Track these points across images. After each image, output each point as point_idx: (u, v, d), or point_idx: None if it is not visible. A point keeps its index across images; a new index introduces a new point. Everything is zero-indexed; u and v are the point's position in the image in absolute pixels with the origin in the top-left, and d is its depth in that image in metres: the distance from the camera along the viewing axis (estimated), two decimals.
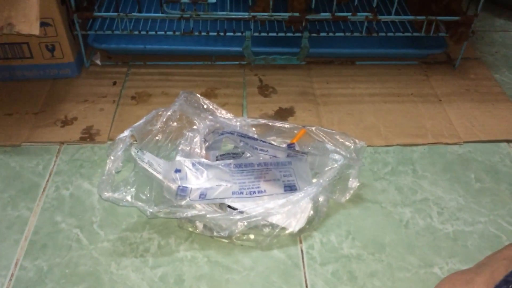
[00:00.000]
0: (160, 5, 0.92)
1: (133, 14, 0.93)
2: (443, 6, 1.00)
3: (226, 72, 1.02)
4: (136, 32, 0.97)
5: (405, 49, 1.05)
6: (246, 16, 0.94)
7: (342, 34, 0.99)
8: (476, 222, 0.74)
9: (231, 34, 0.98)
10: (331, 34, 0.99)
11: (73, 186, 0.77)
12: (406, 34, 1.00)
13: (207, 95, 0.96)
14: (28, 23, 0.77)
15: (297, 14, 0.94)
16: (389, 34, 0.99)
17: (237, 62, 1.03)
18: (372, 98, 0.97)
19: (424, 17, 0.96)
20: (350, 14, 0.94)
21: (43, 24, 0.88)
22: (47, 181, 0.78)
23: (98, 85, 0.97)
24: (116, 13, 0.93)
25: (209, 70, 1.03)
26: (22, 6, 0.77)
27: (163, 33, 0.98)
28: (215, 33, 0.98)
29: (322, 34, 0.99)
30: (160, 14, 0.93)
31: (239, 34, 0.98)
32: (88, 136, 0.86)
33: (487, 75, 1.04)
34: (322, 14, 0.94)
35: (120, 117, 0.90)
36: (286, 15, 0.94)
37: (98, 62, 1.01)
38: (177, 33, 0.97)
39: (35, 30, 0.78)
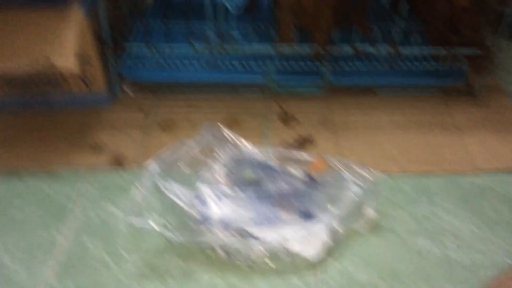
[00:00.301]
0: (188, 39, 0.97)
1: (163, 47, 0.99)
2: (462, 36, 1.02)
3: (249, 101, 1.06)
4: (165, 64, 1.02)
5: (426, 78, 1.07)
6: (270, 50, 0.98)
7: (363, 67, 1.02)
8: (492, 252, 0.75)
9: (255, 65, 1.02)
10: (353, 67, 1.02)
11: (102, 210, 0.82)
12: (427, 67, 1.02)
13: (230, 123, 1.00)
14: (64, 57, 0.83)
15: (319, 48, 0.97)
16: (410, 67, 1.02)
17: (260, 91, 1.07)
18: (391, 127, 0.99)
19: (444, 50, 0.98)
20: (371, 48, 0.97)
21: (78, 57, 0.93)
22: (77, 204, 0.83)
23: (127, 113, 1.02)
24: (147, 47, 0.98)
25: (233, 98, 1.06)
26: (59, 40, 0.83)
27: (190, 64, 1.02)
28: (239, 65, 1.02)
29: (344, 67, 1.02)
30: (188, 48, 0.98)
31: (263, 65, 1.02)
32: (117, 162, 0.91)
33: (506, 105, 1.05)
34: (344, 48, 0.97)
35: (148, 145, 0.95)
36: (308, 50, 0.98)
37: (129, 91, 1.07)
38: (203, 65, 1.02)
39: (71, 64, 0.83)
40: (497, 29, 0.96)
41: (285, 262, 0.72)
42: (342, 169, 0.81)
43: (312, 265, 0.73)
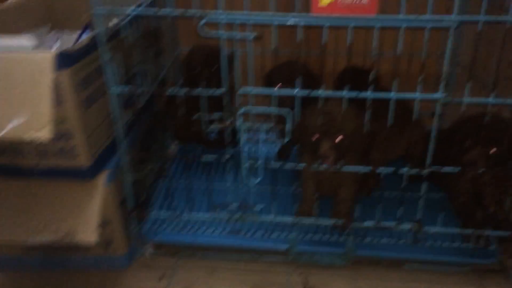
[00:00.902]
0: (210, 207, 0.97)
1: (185, 215, 0.99)
2: (490, 215, 0.99)
3: (271, 269, 1.03)
4: (186, 228, 1.02)
5: (454, 257, 1.02)
6: (291, 221, 0.97)
7: (388, 239, 0.99)
8: None
9: (277, 232, 1.01)
10: (377, 239, 1.00)
11: None
12: (453, 244, 0.98)
13: None
14: (88, 232, 0.83)
15: (341, 220, 0.96)
16: (436, 243, 0.98)
17: (282, 257, 1.04)
18: None
19: (471, 231, 0.95)
20: (394, 224, 0.95)
21: (100, 226, 0.94)
22: None
23: (146, 279, 1.00)
24: (170, 214, 0.99)
25: (255, 265, 1.03)
26: (84, 215, 0.84)
27: (211, 230, 1.02)
28: (261, 233, 1.01)
29: (367, 239, 0.99)
30: (210, 216, 0.98)
31: (285, 233, 1.01)
32: None
33: None
34: (366, 223, 0.96)
35: None
36: (330, 222, 0.97)
37: (150, 251, 1.05)
38: (225, 230, 1.01)
39: (93, 238, 0.83)
40: None
41: None
42: None
43: None
